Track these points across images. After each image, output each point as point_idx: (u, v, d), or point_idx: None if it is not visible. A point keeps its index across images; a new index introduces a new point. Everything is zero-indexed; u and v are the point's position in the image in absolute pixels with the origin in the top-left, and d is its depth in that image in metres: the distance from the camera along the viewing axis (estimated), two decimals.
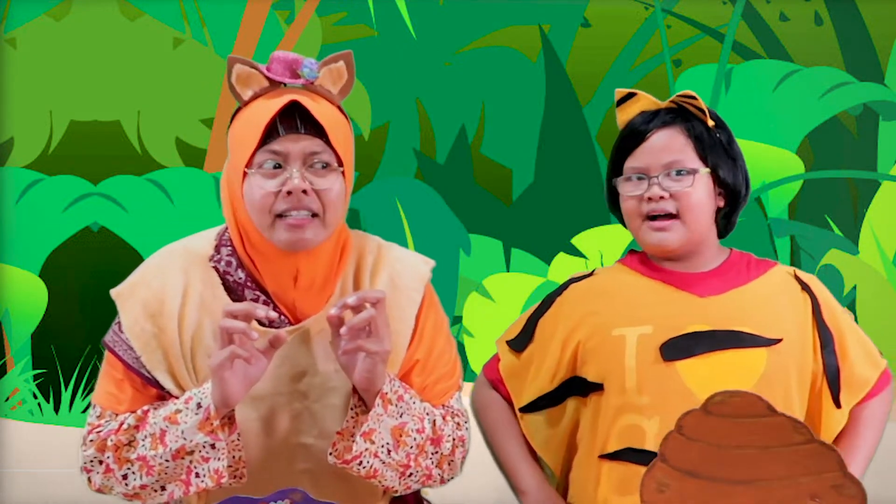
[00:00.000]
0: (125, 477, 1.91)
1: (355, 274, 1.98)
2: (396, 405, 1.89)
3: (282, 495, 1.80)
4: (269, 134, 1.87)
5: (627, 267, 2.19)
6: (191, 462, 1.86)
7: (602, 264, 5.72)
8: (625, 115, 2.19)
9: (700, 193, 2.12)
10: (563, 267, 6.01)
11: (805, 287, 2.16)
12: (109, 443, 1.92)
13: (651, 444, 2.03)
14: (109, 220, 6.17)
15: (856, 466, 2.10)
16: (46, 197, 6.15)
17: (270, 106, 1.87)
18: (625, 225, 2.20)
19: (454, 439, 1.98)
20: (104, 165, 6.20)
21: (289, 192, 1.86)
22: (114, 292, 1.99)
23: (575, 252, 6.05)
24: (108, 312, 2.08)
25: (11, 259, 6.06)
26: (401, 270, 2.00)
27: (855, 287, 6.07)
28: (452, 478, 2.01)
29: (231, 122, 1.95)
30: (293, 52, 1.95)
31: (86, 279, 6.10)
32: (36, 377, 6.06)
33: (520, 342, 2.20)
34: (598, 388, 2.12)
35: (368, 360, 1.83)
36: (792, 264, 6.12)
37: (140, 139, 6.30)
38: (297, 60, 1.91)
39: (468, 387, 2.21)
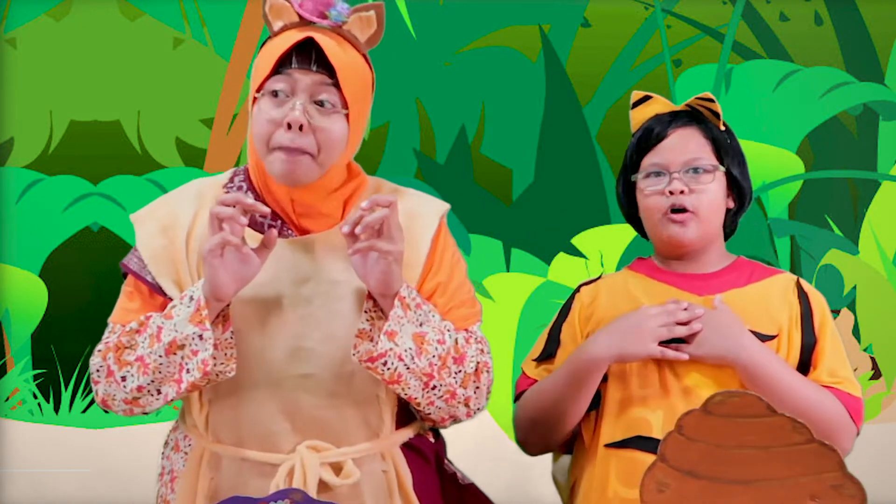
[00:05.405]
0: (124, 379, 1.92)
1: None
2: (415, 311, 1.92)
3: (282, 495, 1.81)
4: (283, 64, 1.93)
5: (633, 271, 2.27)
6: (182, 358, 1.87)
7: (602, 264, 5.71)
8: (640, 116, 2.27)
9: (716, 192, 2.20)
10: (563, 267, 6.00)
11: (802, 294, 2.22)
12: (111, 344, 1.95)
13: (658, 434, 2.07)
14: (109, 220, 6.16)
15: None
16: (46, 197, 6.14)
17: (290, 37, 1.93)
18: (633, 224, 2.27)
19: (478, 363, 2.00)
20: (104, 165, 6.19)
21: (289, 125, 1.91)
22: (133, 216, 2.07)
23: (575, 252, 6.03)
24: (109, 313, 2.09)
25: (11, 259, 6.05)
26: (418, 203, 2.06)
27: (855, 287, 6.06)
28: (479, 409, 2.03)
29: None
30: None
31: (86, 279, 6.09)
32: (36, 377, 6.05)
33: (547, 352, 2.27)
34: (602, 379, 2.17)
35: (382, 260, 1.87)
36: (792, 264, 6.12)
37: (140, 139, 6.30)
38: (329, 2, 1.96)
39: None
